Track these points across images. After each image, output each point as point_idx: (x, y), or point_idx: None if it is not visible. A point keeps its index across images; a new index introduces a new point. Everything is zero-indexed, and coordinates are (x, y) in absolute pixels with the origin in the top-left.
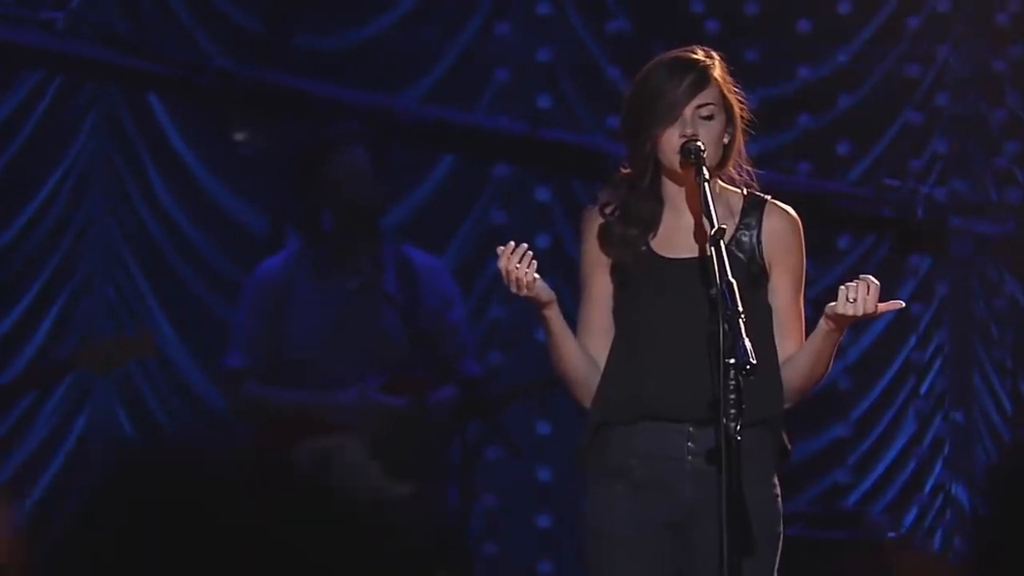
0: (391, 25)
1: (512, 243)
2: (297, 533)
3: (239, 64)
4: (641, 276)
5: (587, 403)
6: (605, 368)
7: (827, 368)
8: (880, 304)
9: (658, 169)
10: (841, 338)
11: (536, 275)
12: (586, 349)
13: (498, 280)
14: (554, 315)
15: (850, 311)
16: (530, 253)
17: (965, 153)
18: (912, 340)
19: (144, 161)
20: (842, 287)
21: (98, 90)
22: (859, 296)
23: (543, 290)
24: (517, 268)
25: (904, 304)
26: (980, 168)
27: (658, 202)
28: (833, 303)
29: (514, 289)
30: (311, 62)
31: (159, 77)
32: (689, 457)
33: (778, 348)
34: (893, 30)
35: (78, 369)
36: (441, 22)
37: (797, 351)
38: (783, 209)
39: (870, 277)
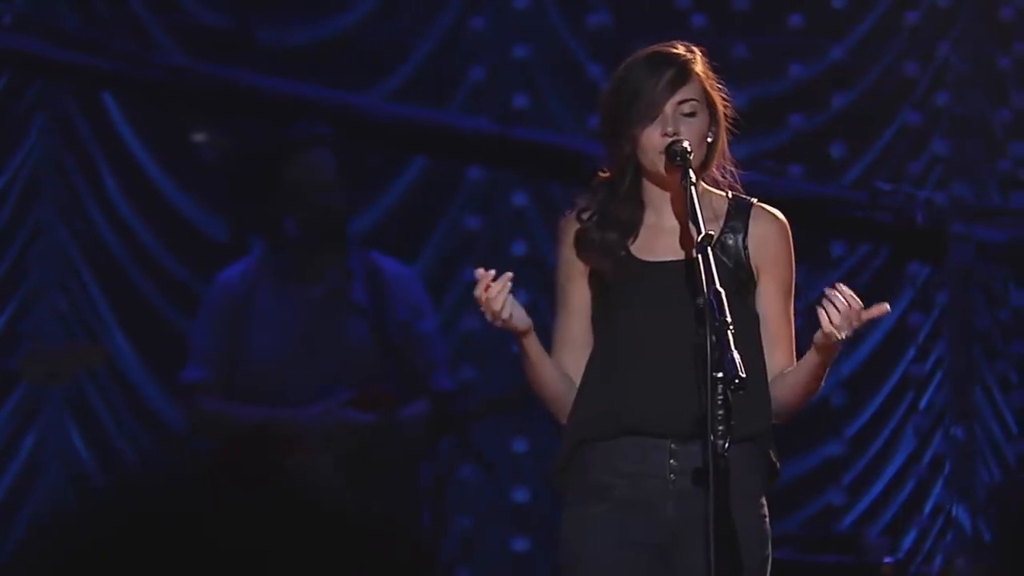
0: (359, 20)
1: (492, 272)
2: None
3: (198, 60)
4: (620, 282)
5: (564, 419)
6: (582, 381)
7: (820, 385)
8: (863, 312)
9: (638, 171)
10: (836, 355)
11: (513, 302)
12: (563, 363)
13: (472, 290)
14: (531, 343)
15: (835, 336)
16: (510, 283)
17: (967, 155)
18: (911, 352)
19: (98, 163)
20: (819, 310)
21: (47, 89)
22: (842, 316)
23: (519, 321)
24: (495, 299)
25: (888, 308)
26: (983, 171)
27: (638, 206)
28: (819, 332)
29: (489, 319)
30: (274, 58)
31: (112, 75)
32: (672, 476)
33: (767, 358)
34: (891, 25)
35: (26, 378)
36: (412, 16)
37: (788, 371)
38: (771, 212)
39: (845, 289)
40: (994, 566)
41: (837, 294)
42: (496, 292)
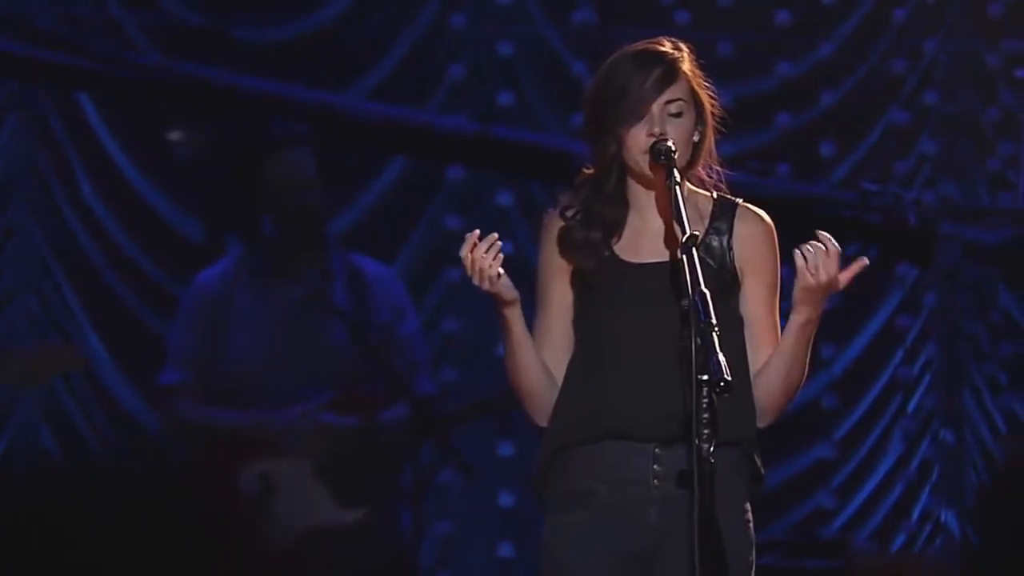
0: (337, 16)
1: (477, 231)
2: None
3: (174, 59)
4: (604, 283)
5: (540, 419)
6: (563, 384)
7: (803, 374)
8: (844, 273)
9: (623, 170)
10: (815, 330)
11: (501, 271)
12: (544, 362)
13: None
14: (515, 317)
15: (812, 282)
16: (499, 244)
17: (955, 155)
18: (899, 355)
19: (72, 164)
20: (796, 251)
21: (21, 89)
22: (820, 259)
23: (506, 288)
24: (483, 258)
25: (867, 261)
26: (972, 171)
27: (623, 205)
28: (796, 283)
29: (476, 281)
30: (251, 56)
31: (88, 74)
32: (655, 481)
33: (751, 360)
34: (878, 22)
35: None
36: (391, 13)
37: (771, 357)
38: (756, 213)
39: (826, 235)
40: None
41: (815, 240)
42: (483, 251)
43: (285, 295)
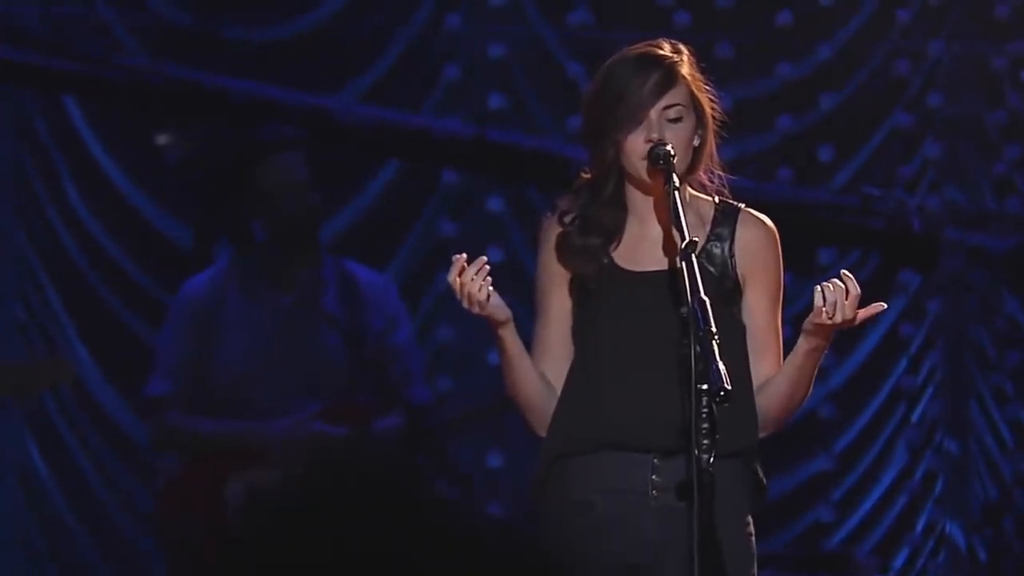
0: (330, 17)
1: (464, 255)
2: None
3: (163, 60)
4: (602, 291)
5: (540, 430)
6: (562, 393)
7: (807, 392)
8: (860, 311)
9: (622, 175)
10: (823, 356)
11: (491, 289)
12: (543, 373)
13: (447, 298)
14: (510, 335)
15: (827, 321)
16: (487, 267)
17: (960, 159)
18: (902, 364)
19: (58, 166)
20: (816, 288)
21: (7, 91)
22: (838, 300)
23: (498, 308)
24: (472, 282)
25: (885, 306)
26: (976, 175)
27: (621, 210)
28: (809, 317)
29: (466, 305)
30: (242, 57)
31: (75, 77)
32: (654, 492)
33: (753, 371)
34: (881, 23)
35: None
36: (385, 14)
37: (774, 375)
38: (758, 218)
39: (849, 275)
40: None
41: (837, 279)
42: (471, 275)
43: (276, 302)
